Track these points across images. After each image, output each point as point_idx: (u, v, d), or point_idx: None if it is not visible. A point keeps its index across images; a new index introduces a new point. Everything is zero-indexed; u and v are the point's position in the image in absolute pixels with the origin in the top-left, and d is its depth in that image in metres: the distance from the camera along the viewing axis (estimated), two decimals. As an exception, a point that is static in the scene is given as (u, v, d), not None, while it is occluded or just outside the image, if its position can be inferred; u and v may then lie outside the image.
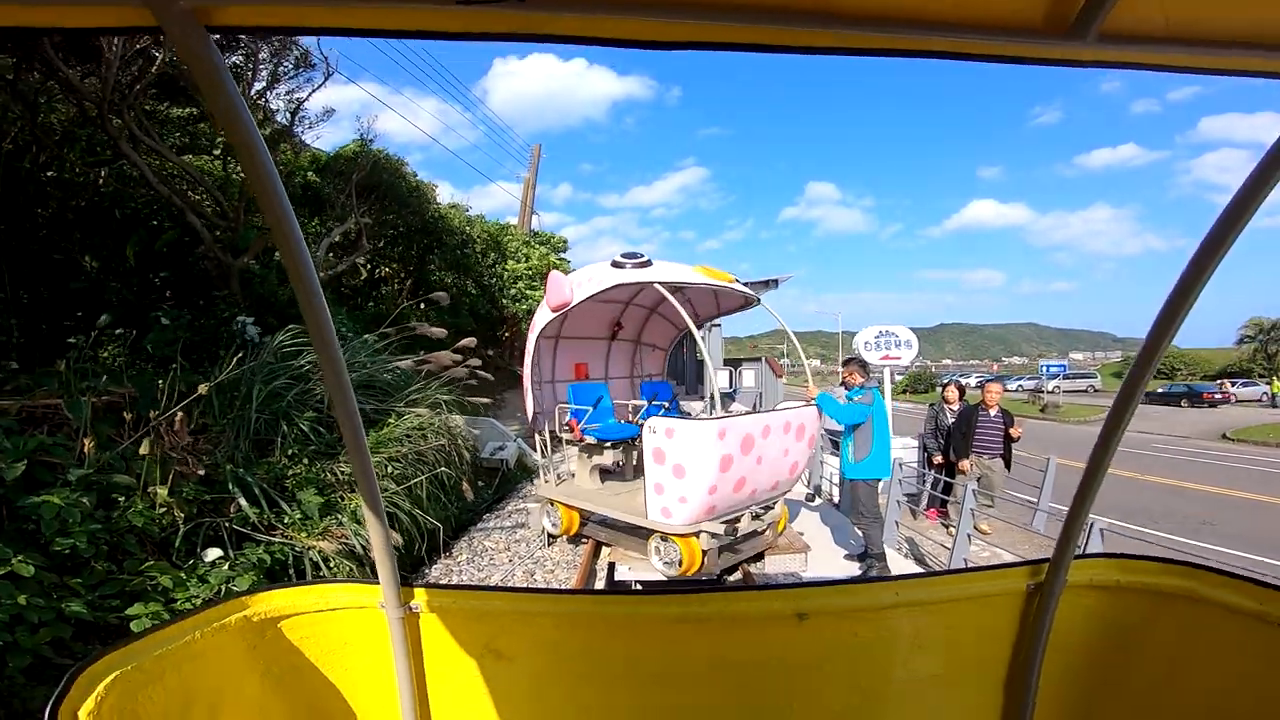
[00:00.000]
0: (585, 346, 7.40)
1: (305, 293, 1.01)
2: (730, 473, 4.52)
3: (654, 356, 7.86)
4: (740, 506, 4.93)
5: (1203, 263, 1.04)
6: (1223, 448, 21.67)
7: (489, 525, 7.59)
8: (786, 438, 5.01)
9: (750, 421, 4.65)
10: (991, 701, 1.67)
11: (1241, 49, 0.78)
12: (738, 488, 4.66)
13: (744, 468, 4.60)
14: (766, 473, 4.91)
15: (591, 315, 7.04)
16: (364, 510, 1.30)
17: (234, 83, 0.81)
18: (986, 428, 7.38)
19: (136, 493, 3.99)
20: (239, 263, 8.11)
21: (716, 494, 4.51)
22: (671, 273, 4.99)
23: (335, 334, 1.07)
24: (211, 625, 1.29)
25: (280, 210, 0.92)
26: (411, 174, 16.09)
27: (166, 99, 9.21)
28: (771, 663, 1.58)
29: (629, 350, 7.88)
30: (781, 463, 5.06)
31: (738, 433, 4.51)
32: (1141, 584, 1.56)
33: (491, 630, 1.52)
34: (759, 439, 4.68)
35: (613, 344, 7.66)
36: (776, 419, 4.87)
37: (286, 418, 5.64)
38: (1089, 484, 1.37)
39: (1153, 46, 0.78)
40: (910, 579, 1.59)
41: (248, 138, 0.84)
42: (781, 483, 5.28)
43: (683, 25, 0.74)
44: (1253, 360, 53.91)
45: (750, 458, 4.63)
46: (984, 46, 0.78)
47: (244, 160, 0.87)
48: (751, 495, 4.91)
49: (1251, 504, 11.98)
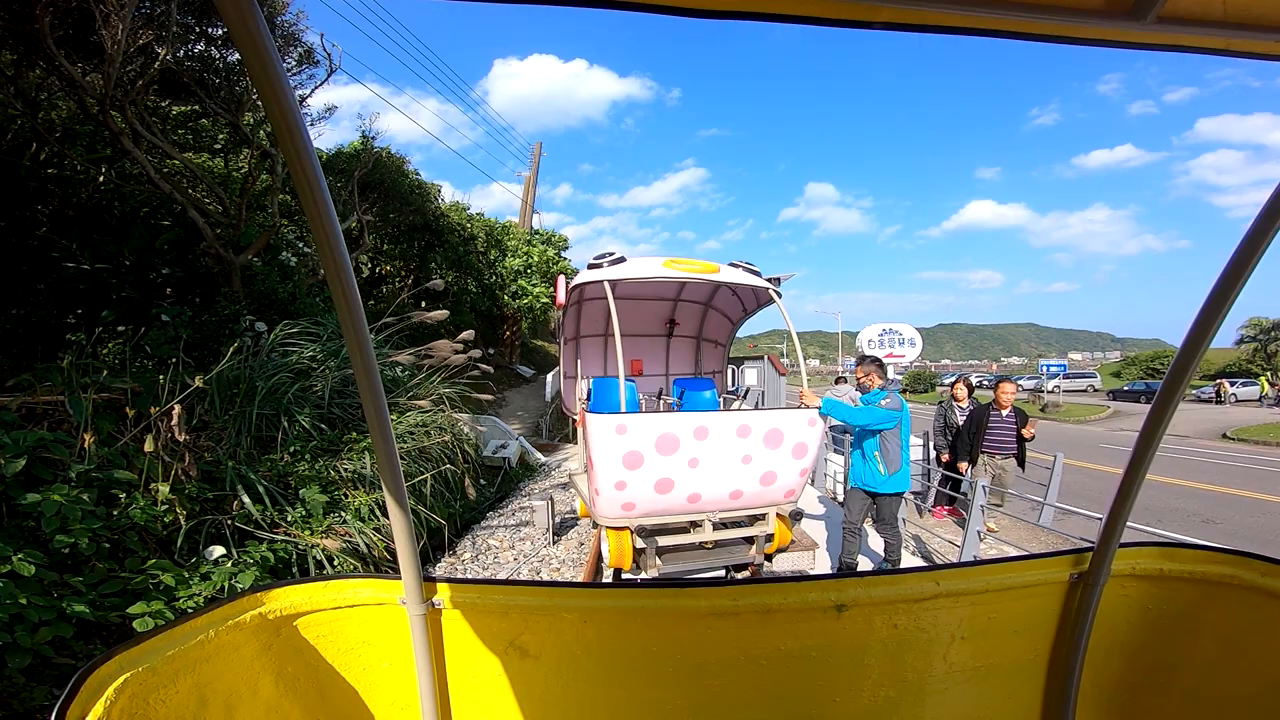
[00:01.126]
0: (641, 344, 7.58)
1: (336, 273, 0.95)
2: (642, 471, 4.32)
3: (715, 352, 7.74)
4: (679, 511, 4.61)
5: (1242, 264, 1.06)
6: (1223, 447, 21.68)
7: (493, 523, 7.55)
8: (745, 443, 4.52)
9: (671, 420, 4.36)
10: (1033, 694, 1.64)
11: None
12: (662, 489, 4.41)
13: (667, 469, 4.35)
14: (714, 480, 4.52)
15: (639, 313, 7.22)
16: (388, 499, 1.23)
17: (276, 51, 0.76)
18: (999, 427, 7.28)
19: (138, 489, 3.93)
20: (240, 259, 8.05)
21: (628, 491, 4.37)
22: (643, 268, 4.95)
23: (364, 316, 1.01)
24: (225, 624, 1.24)
25: (317, 189, 0.87)
26: (413, 172, 16.07)
27: (168, 96, 9.16)
28: (809, 656, 1.53)
29: (690, 346, 7.86)
30: (742, 471, 4.58)
31: (649, 431, 4.27)
32: (1188, 573, 1.53)
33: (516, 626, 1.47)
34: (690, 440, 4.34)
35: (671, 340, 7.69)
36: (719, 421, 4.45)
37: (288, 414, 5.59)
38: (1134, 474, 1.34)
39: (1209, 30, 0.78)
40: (951, 568, 1.56)
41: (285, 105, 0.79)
42: (751, 494, 4.72)
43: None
44: (1252, 360, 53.93)
45: (676, 459, 4.35)
46: (1045, 26, 0.78)
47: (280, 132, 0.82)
48: (692, 501, 4.57)
49: (1252, 502, 11.97)
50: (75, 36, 6.87)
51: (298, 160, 0.83)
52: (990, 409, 7.32)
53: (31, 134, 7.36)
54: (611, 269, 4.91)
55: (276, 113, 0.79)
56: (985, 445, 7.28)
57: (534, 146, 31.07)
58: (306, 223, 6.44)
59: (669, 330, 7.62)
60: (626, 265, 4.97)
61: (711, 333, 7.60)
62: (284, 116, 0.80)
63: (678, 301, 7.31)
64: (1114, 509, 1.40)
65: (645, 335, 7.56)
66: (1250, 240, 1.03)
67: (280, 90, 0.77)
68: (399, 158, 15.35)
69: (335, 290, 0.96)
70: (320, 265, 8.44)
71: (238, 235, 8.29)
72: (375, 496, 5.23)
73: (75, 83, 6.68)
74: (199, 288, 7.74)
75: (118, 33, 6.16)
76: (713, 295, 6.79)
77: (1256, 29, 0.77)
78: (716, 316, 7.32)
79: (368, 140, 12.19)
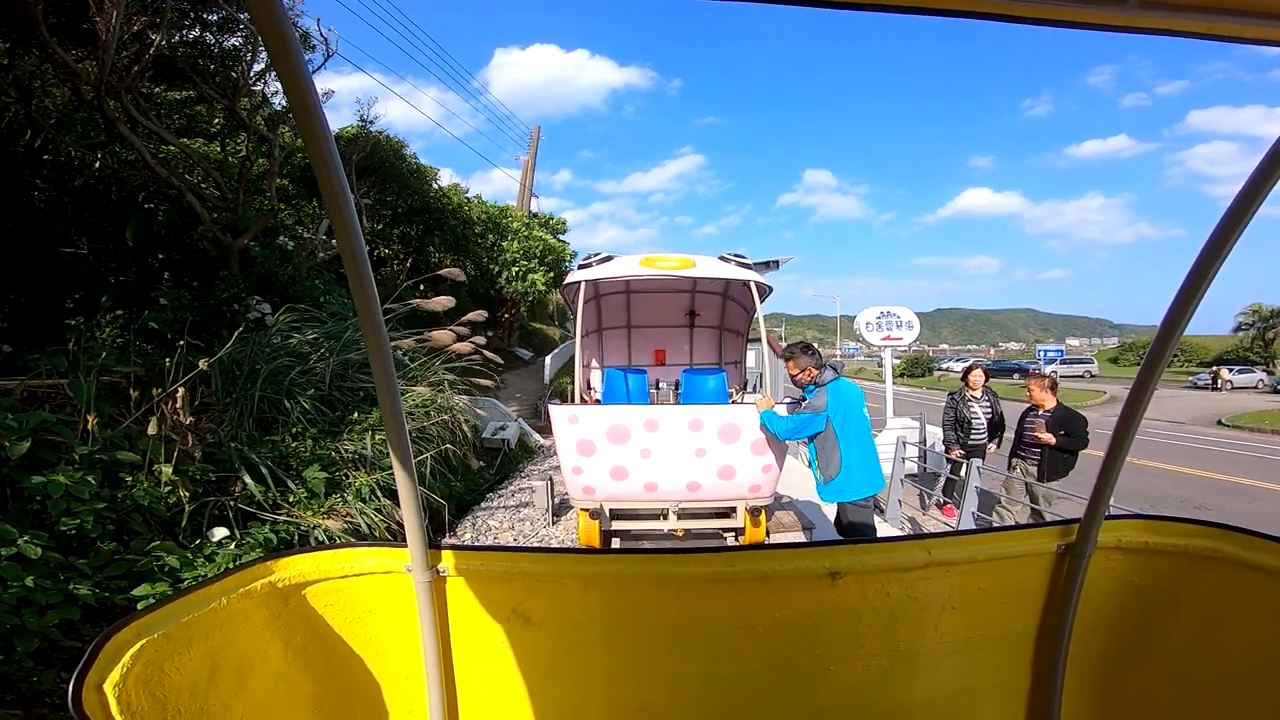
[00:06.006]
0: (666, 334, 7.78)
1: (350, 252, 0.97)
2: (596, 459, 4.62)
3: (736, 342, 7.80)
4: (638, 498, 4.83)
5: (1215, 251, 1.08)
6: (1218, 433, 21.81)
7: (492, 505, 7.62)
8: (698, 437, 4.62)
9: (620, 412, 4.69)
10: (1022, 662, 1.66)
11: (1272, 19, 0.79)
12: (617, 476, 4.66)
13: (620, 458, 4.61)
14: (668, 471, 4.69)
15: (661, 305, 7.45)
16: (395, 467, 1.25)
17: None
18: (1034, 428, 6.30)
19: (141, 471, 3.96)
20: (238, 243, 8.02)
21: (585, 476, 4.70)
22: (621, 267, 5.10)
23: (377, 292, 1.03)
24: (236, 592, 1.26)
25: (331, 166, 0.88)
26: (412, 156, 15.96)
27: (163, 81, 9.07)
28: (804, 624, 1.56)
29: (714, 337, 7.93)
30: (697, 464, 4.69)
31: (601, 421, 4.58)
32: (1171, 545, 1.55)
33: (519, 593, 1.50)
34: (641, 432, 4.55)
35: (694, 331, 7.80)
36: (669, 414, 4.68)
37: (290, 396, 5.61)
38: (1119, 445, 1.36)
39: (1191, 14, 0.79)
40: (942, 537, 1.59)
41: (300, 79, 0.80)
42: (710, 488, 4.80)
43: None
44: (1249, 347, 54.04)
45: (628, 449, 4.59)
46: (1030, 10, 0.79)
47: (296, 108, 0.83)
48: (649, 490, 4.76)
49: (1245, 489, 12.07)
50: (68, 24, 6.79)
51: (314, 139, 0.85)
52: (1032, 410, 6.44)
53: (26, 121, 7.29)
54: (598, 268, 5.08)
55: (292, 87, 0.81)
56: (1020, 450, 6.46)
57: (532, 131, 30.87)
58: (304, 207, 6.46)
59: (690, 321, 7.72)
60: (610, 265, 5.10)
61: (732, 323, 7.66)
62: (300, 92, 0.81)
63: (694, 293, 7.39)
64: (1100, 480, 1.42)
65: (669, 326, 7.73)
66: (1225, 225, 1.05)
67: (297, 66, 0.78)
68: (397, 141, 15.23)
69: (348, 262, 0.97)
70: (319, 248, 8.42)
71: (235, 219, 8.25)
72: (377, 477, 5.28)
73: (69, 70, 6.62)
74: (197, 271, 7.73)
75: (111, 19, 6.09)
76: (728, 286, 6.82)
77: (1238, 13, 0.78)
78: (734, 307, 7.37)
79: (366, 124, 12.09)
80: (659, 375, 7.45)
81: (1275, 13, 0.78)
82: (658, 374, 7.47)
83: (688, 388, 6.82)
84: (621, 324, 7.70)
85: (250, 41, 8.44)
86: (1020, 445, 6.42)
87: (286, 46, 0.76)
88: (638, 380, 6.77)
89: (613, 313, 7.56)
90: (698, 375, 6.90)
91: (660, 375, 7.46)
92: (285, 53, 0.76)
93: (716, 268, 5.13)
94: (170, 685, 1.09)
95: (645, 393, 6.85)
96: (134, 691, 1.03)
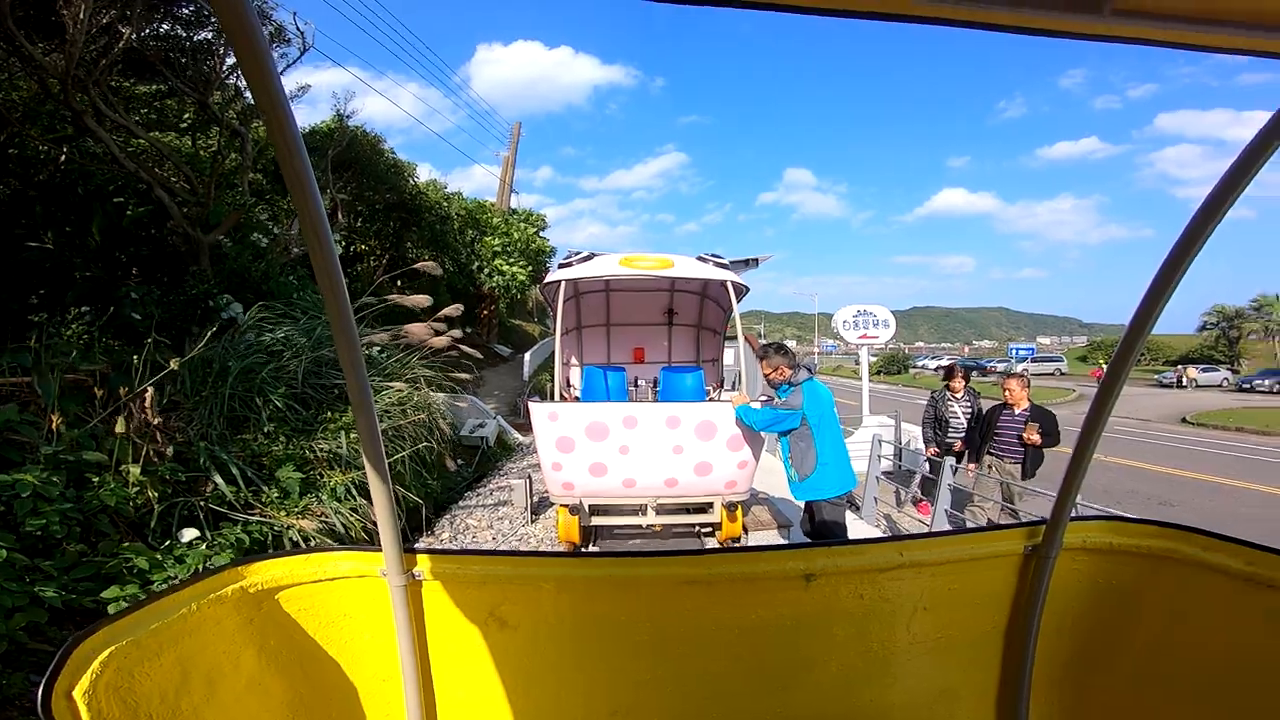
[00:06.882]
0: (644, 332, 7.84)
1: (321, 255, 0.97)
2: (574, 455, 4.69)
3: (714, 340, 7.87)
4: (616, 494, 4.92)
5: (1183, 253, 1.09)
6: (1184, 431, 22.38)
7: (471, 503, 7.59)
8: (675, 434, 4.71)
9: (600, 410, 4.79)
10: (991, 662, 1.68)
11: (1243, 28, 0.81)
12: (596, 472, 4.74)
13: (599, 454, 4.69)
14: (646, 467, 4.77)
15: (640, 303, 7.49)
16: (368, 471, 1.25)
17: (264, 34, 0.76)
18: (1010, 427, 6.36)
19: (109, 471, 3.89)
20: (209, 239, 7.89)
21: (565, 472, 4.77)
22: (600, 266, 5.13)
23: (344, 284, 1.02)
24: (207, 597, 1.25)
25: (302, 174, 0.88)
26: (390, 151, 15.82)
27: (133, 75, 8.87)
28: (780, 625, 1.57)
29: (692, 335, 8.01)
30: (675, 461, 4.77)
31: (580, 419, 4.67)
32: (1135, 546, 1.57)
33: (495, 596, 1.50)
34: (620, 429, 4.64)
35: (672, 329, 7.87)
36: (647, 411, 4.75)
37: (261, 395, 5.53)
38: (1084, 448, 1.38)
39: (1161, 23, 0.81)
40: (914, 539, 1.60)
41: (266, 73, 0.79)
42: (687, 483, 4.89)
43: None
44: (1214, 346, 55.59)
45: (606, 446, 4.67)
46: (1007, 17, 0.81)
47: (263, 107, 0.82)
48: (628, 486, 4.85)
49: (1209, 486, 12.38)
50: (35, 16, 6.62)
51: (281, 132, 0.84)
52: (1003, 408, 6.53)
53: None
54: (578, 267, 5.10)
55: (258, 82, 0.79)
56: (993, 448, 6.53)
57: (513, 126, 30.71)
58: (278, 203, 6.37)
59: (669, 319, 7.78)
60: (590, 264, 5.13)
61: (710, 321, 7.74)
62: (266, 88, 0.80)
63: (674, 292, 7.44)
64: (1066, 482, 1.45)
65: (648, 324, 7.79)
66: (1193, 228, 1.07)
67: (263, 61, 0.77)
68: (375, 136, 15.09)
69: (316, 259, 0.97)
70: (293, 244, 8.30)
71: (206, 214, 8.10)
72: (352, 476, 5.23)
73: (36, 63, 6.45)
74: (167, 267, 7.58)
75: (80, 12, 5.96)
76: (706, 285, 6.88)
77: (1209, 23, 0.80)
78: (712, 305, 7.44)
79: (342, 118, 11.93)
80: (638, 373, 7.51)
81: (1247, 21, 0.81)
82: (636, 372, 7.53)
83: (666, 385, 6.87)
84: (601, 322, 7.75)
85: (222, 35, 8.29)
86: (997, 444, 6.46)
87: (252, 43, 0.75)
88: (617, 378, 6.83)
89: (592, 311, 7.60)
90: (676, 373, 6.96)
91: (639, 373, 7.53)
92: (251, 49, 0.75)
93: (694, 268, 5.18)
94: (141, 692, 1.09)
95: (624, 390, 6.91)
96: (104, 698, 1.02)
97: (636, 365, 7.71)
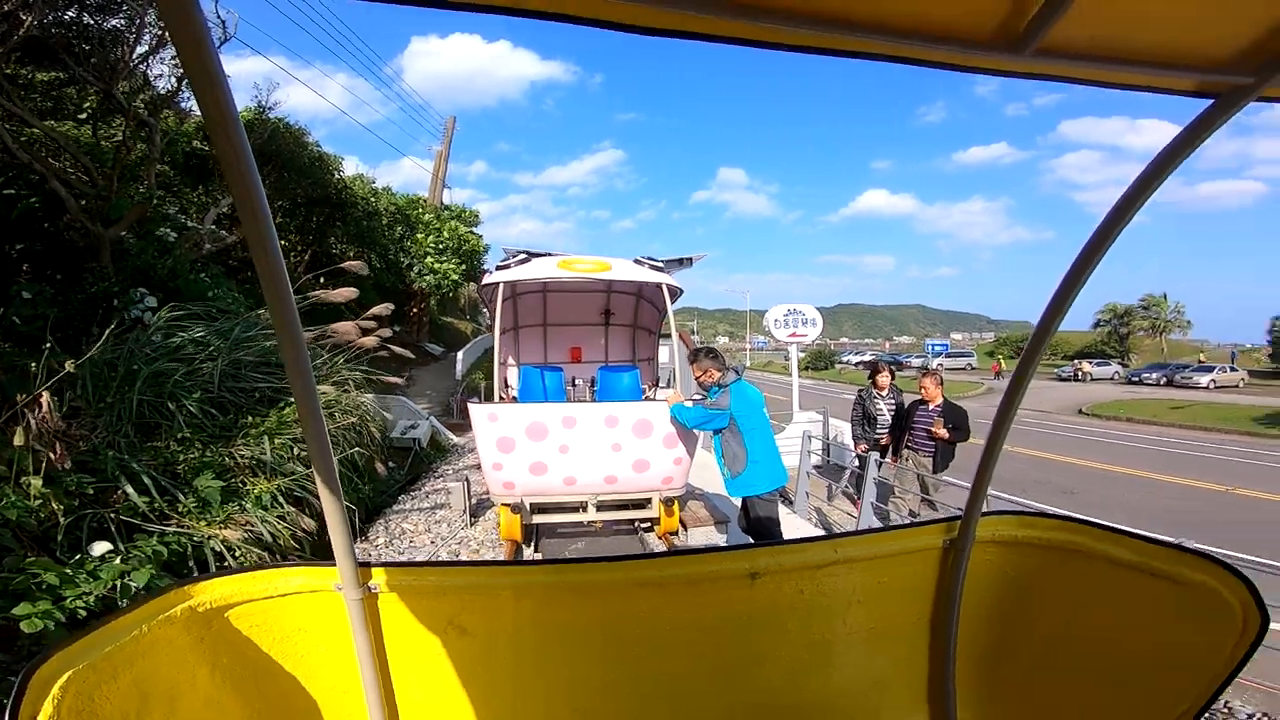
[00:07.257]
0: (581, 332, 7.88)
1: (267, 264, 0.95)
2: (515, 455, 4.74)
3: (649, 340, 7.92)
4: (557, 492, 5.00)
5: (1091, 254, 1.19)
6: (1080, 422, 24.22)
7: (405, 507, 7.38)
8: (614, 432, 4.83)
9: (539, 410, 4.87)
10: (920, 651, 1.78)
11: (1148, 67, 0.90)
12: (537, 471, 4.82)
13: (539, 454, 4.76)
14: (586, 465, 4.87)
15: (576, 303, 7.53)
16: (319, 484, 1.22)
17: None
18: (925, 422, 6.61)
19: (8, 484, 3.58)
20: (110, 233, 7.32)
21: (505, 472, 4.82)
22: (539, 269, 5.13)
23: (290, 290, 1.00)
24: (157, 618, 1.22)
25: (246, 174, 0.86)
26: (314, 144, 15.16)
27: (31, 63, 8.16)
28: (729, 623, 1.62)
29: (628, 335, 8.04)
30: (614, 458, 4.89)
31: (520, 419, 4.73)
32: (1038, 539, 1.68)
33: (453, 606, 1.49)
34: (558, 429, 4.75)
35: (609, 329, 7.90)
36: (586, 411, 4.88)
37: (173, 399, 5.20)
38: (994, 444, 1.48)
39: (1079, 62, 0.88)
40: (848, 536, 1.68)
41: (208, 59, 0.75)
42: (626, 480, 5.01)
43: (652, 11, 0.78)
44: (1106, 342, 60.46)
45: (546, 445, 4.74)
46: (937, 55, 0.87)
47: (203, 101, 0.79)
48: (568, 484, 4.95)
49: (1105, 474, 13.46)
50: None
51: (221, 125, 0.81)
52: (919, 404, 6.81)
53: None
54: (517, 269, 5.09)
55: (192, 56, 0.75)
56: (911, 442, 6.80)
57: (447, 121, 29.94)
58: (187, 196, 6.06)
59: (605, 320, 7.84)
60: (528, 266, 5.12)
61: (645, 321, 7.83)
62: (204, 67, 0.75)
63: (610, 293, 7.52)
64: (978, 477, 1.54)
65: (584, 324, 7.84)
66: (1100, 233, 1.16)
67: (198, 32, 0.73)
68: (298, 129, 14.45)
69: (254, 246, 0.94)
70: (205, 240, 7.81)
71: (108, 208, 7.52)
72: (278, 483, 5.00)
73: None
74: (62, 264, 7.00)
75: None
76: (641, 287, 6.96)
77: (1118, 62, 0.88)
78: (647, 306, 7.53)
79: (263, 110, 11.32)
80: (575, 372, 7.52)
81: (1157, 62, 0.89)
82: (574, 371, 7.55)
83: (603, 384, 6.92)
84: (537, 322, 7.75)
85: (134, 23, 7.73)
86: (913, 438, 6.76)
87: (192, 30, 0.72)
88: (554, 378, 6.85)
89: (529, 311, 7.58)
90: (613, 372, 7.02)
91: (576, 372, 7.54)
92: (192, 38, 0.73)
93: (632, 271, 5.24)
94: (103, 714, 1.07)
95: (562, 390, 6.93)
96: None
97: (574, 365, 7.73)
